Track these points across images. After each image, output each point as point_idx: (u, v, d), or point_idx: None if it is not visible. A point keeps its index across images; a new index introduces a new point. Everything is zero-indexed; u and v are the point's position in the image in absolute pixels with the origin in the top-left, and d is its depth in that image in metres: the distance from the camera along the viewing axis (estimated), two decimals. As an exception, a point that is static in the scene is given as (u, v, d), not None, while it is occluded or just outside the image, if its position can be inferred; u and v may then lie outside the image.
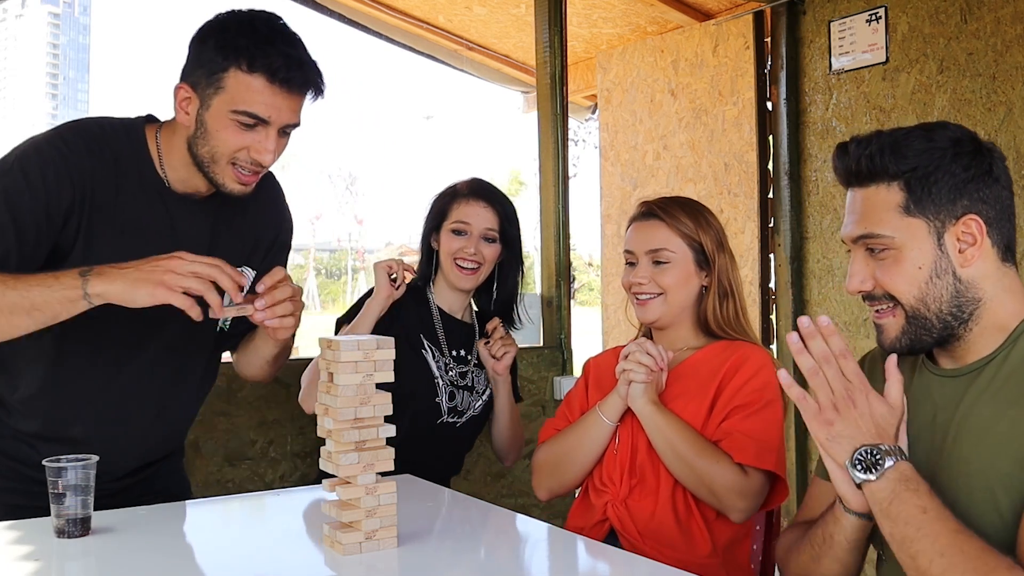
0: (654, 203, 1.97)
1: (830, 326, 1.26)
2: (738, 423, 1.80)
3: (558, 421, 2.03)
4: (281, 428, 2.70)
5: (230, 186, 1.68)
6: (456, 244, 2.28)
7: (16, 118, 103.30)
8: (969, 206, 1.31)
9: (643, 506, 1.85)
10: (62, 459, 1.48)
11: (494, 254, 2.32)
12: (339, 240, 53.04)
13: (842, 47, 3.74)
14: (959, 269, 1.32)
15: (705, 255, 1.92)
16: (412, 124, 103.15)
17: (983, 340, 1.33)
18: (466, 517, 1.78)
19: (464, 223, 2.29)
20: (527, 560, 1.59)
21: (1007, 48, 3.27)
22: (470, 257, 2.27)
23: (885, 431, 1.26)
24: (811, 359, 1.26)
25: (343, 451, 1.42)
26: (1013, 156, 3.26)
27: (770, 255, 3.99)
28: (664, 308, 1.92)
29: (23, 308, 1.51)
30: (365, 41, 47.87)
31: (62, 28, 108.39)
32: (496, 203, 2.32)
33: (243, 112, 1.61)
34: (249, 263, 1.85)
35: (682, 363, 1.93)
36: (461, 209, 2.31)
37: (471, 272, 2.29)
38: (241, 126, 1.62)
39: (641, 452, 1.86)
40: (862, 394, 1.26)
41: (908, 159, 1.32)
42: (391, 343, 1.46)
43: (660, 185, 4.38)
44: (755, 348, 1.91)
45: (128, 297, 1.51)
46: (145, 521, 1.65)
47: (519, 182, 47.87)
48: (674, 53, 4.38)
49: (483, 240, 2.29)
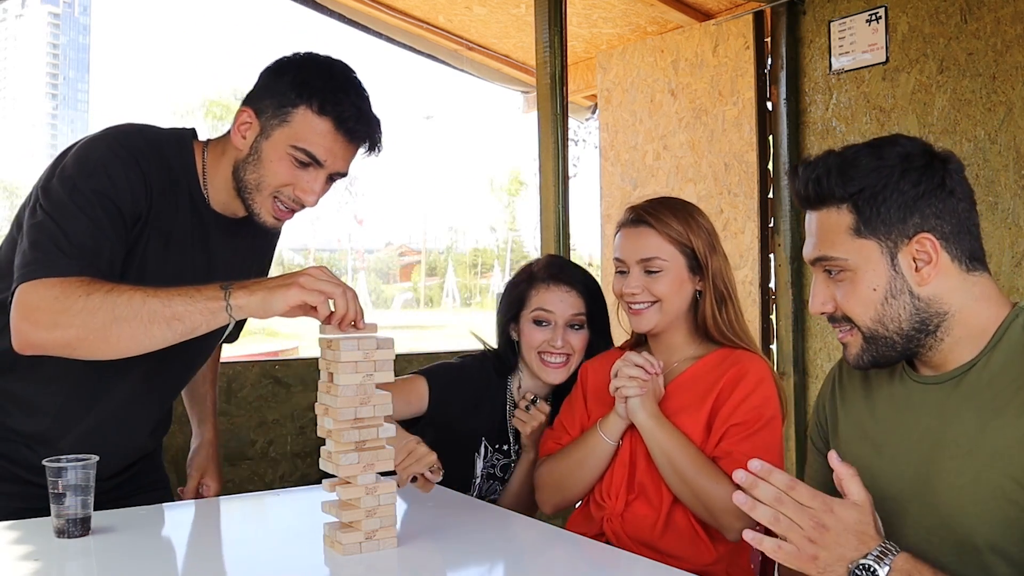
0: (642, 208, 1.90)
1: (764, 467, 1.21)
2: (737, 443, 1.76)
3: (558, 434, 1.99)
4: (281, 428, 2.70)
5: (264, 218, 1.70)
6: (540, 336, 2.06)
7: (16, 118, 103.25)
8: (921, 223, 1.29)
9: (642, 518, 1.82)
10: (62, 459, 1.48)
11: (583, 342, 2.09)
12: (339, 240, 53.12)
13: (842, 47, 3.74)
14: (916, 288, 1.30)
15: (697, 260, 1.87)
16: (412, 124, 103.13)
17: (960, 348, 1.32)
18: (466, 517, 1.78)
19: (546, 311, 2.06)
20: (527, 560, 1.59)
21: (1007, 48, 3.27)
22: (558, 351, 2.06)
23: (865, 533, 1.21)
24: (767, 508, 1.21)
25: (343, 451, 1.42)
26: (1013, 156, 3.26)
27: (770, 255, 3.99)
28: (659, 316, 1.87)
29: (164, 317, 1.49)
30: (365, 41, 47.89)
31: (62, 28, 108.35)
32: (578, 284, 2.10)
33: (302, 150, 1.64)
34: (262, 275, 1.92)
35: (680, 375, 1.89)
36: (541, 296, 2.08)
37: (560, 365, 2.07)
38: (295, 163, 1.65)
39: (640, 466, 1.84)
40: (828, 514, 1.20)
41: (855, 180, 1.30)
42: (391, 343, 1.46)
43: (660, 185, 4.38)
44: (754, 359, 1.85)
45: (266, 307, 1.50)
46: (145, 521, 1.65)
47: (519, 182, 47.97)
48: (674, 53, 4.38)
49: (569, 328, 2.07)
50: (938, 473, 1.29)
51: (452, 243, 57.85)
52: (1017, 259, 3.27)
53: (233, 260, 1.82)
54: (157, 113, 30.81)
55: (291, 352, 13.71)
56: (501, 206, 50.16)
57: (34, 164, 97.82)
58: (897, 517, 1.32)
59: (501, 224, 51.28)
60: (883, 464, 1.37)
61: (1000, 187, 3.30)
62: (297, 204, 1.69)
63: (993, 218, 3.31)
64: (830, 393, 1.53)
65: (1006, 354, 1.29)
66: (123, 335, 1.49)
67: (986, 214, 3.32)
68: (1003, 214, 3.30)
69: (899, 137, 1.34)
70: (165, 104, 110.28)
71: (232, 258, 1.81)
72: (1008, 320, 1.31)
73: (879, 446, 1.39)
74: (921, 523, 1.30)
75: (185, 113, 41.40)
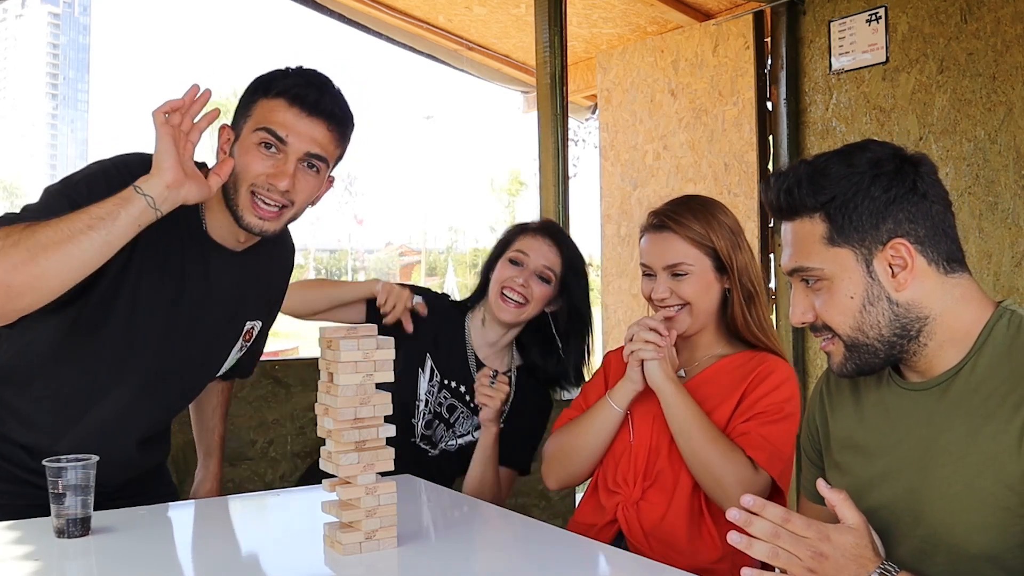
0: (663, 213, 1.92)
1: (757, 501, 1.20)
2: (757, 427, 1.79)
3: (572, 411, 2.01)
4: (281, 428, 2.70)
5: (248, 219, 1.67)
6: (508, 272, 2.14)
7: (16, 118, 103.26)
8: (894, 228, 1.28)
9: (655, 509, 1.83)
10: (62, 459, 1.48)
11: (544, 295, 2.14)
12: (339, 240, 53.12)
13: (842, 47, 3.74)
14: (894, 294, 1.29)
15: (721, 260, 1.88)
16: (412, 124, 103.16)
17: (944, 352, 1.31)
18: (466, 517, 1.78)
19: (523, 253, 2.15)
20: (527, 560, 1.59)
21: (1007, 48, 3.27)
22: (518, 288, 2.12)
23: (863, 556, 1.20)
24: (763, 543, 1.20)
25: (343, 451, 1.42)
26: (1013, 156, 3.26)
27: (770, 255, 3.99)
28: (691, 319, 1.88)
29: (84, 225, 1.47)
30: (365, 41, 47.72)
31: (62, 28, 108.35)
32: (564, 246, 2.18)
33: (262, 129, 1.65)
34: (271, 313, 1.96)
35: (706, 369, 1.91)
36: (524, 241, 2.17)
37: (515, 305, 2.12)
38: (263, 148, 1.65)
39: (663, 454, 1.84)
40: (825, 542, 1.20)
41: (826, 189, 1.29)
42: (391, 343, 1.46)
43: (660, 185, 4.39)
44: (780, 362, 1.87)
45: (166, 179, 1.54)
46: (145, 521, 1.65)
47: (519, 182, 47.96)
48: (674, 53, 4.38)
49: (537, 277, 2.13)
50: (930, 482, 1.28)
51: (452, 243, 57.87)
52: (1017, 259, 3.27)
53: (235, 291, 1.80)
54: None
55: (291, 352, 13.71)
56: (501, 206, 50.16)
57: (34, 164, 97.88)
58: (891, 527, 1.31)
59: (501, 224, 51.14)
60: (875, 473, 1.36)
61: (1000, 187, 3.30)
62: (275, 193, 1.65)
63: (993, 218, 3.31)
64: (819, 403, 1.52)
65: (992, 357, 1.27)
66: (51, 259, 1.47)
67: (986, 214, 3.32)
68: (1003, 214, 3.30)
69: (870, 143, 1.33)
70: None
71: (234, 289, 1.80)
72: (992, 321, 1.29)
73: (870, 455, 1.38)
74: (915, 532, 1.30)
75: (185, 113, 41.22)
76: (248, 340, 1.92)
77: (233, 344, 1.88)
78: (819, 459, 1.52)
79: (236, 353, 1.90)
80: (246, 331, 1.89)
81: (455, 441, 2.22)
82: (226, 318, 1.83)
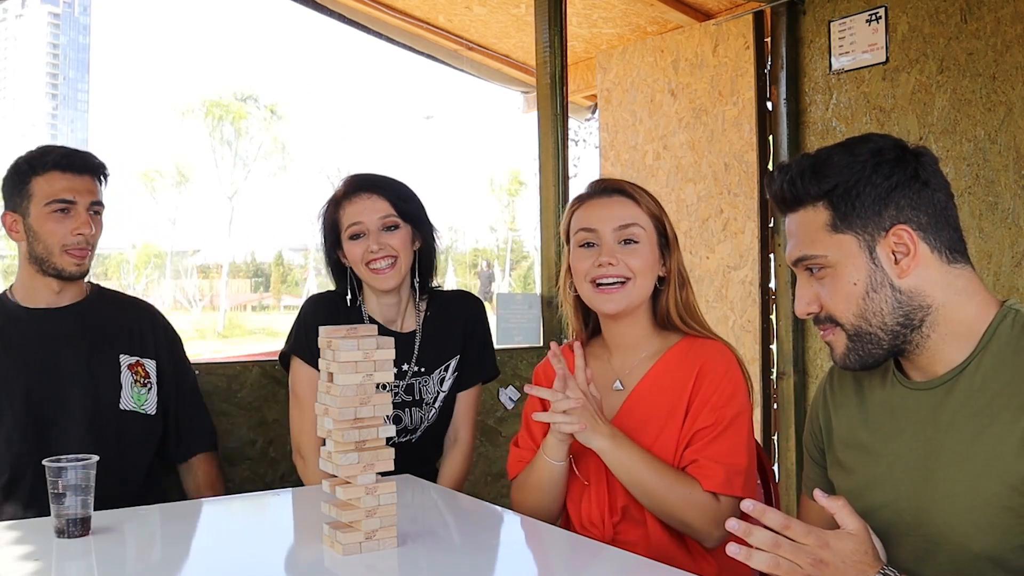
0: (611, 180, 1.82)
1: (757, 507, 1.21)
2: (703, 448, 1.69)
3: (523, 452, 1.87)
4: (281, 428, 2.70)
5: (69, 269, 2.06)
6: (359, 248, 2.11)
7: (16, 118, 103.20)
8: (897, 215, 1.29)
9: (634, 545, 1.72)
10: (62, 459, 1.49)
11: (403, 239, 2.13)
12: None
13: (842, 47, 3.74)
14: (897, 280, 1.30)
15: (667, 239, 1.79)
16: (412, 124, 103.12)
17: (948, 348, 1.31)
18: (466, 517, 1.78)
19: (357, 223, 2.11)
20: (527, 560, 1.59)
21: (1007, 48, 3.27)
22: (379, 255, 2.09)
23: (864, 563, 1.20)
24: (763, 554, 1.19)
25: (343, 451, 1.42)
26: (1013, 156, 3.26)
27: (770, 255, 3.99)
28: (629, 299, 1.75)
29: None
30: (365, 41, 47.65)
31: (62, 28, 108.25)
32: (378, 188, 2.14)
33: (54, 201, 2.04)
34: (144, 353, 2.17)
35: (645, 377, 1.79)
36: (348, 212, 2.13)
37: (389, 268, 2.10)
38: (59, 214, 2.04)
39: (621, 489, 1.73)
40: (825, 549, 1.19)
41: (828, 178, 1.31)
42: (391, 343, 1.46)
43: (660, 185, 4.38)
44: (716, 346, 1.77)
45: None
46: (145, 521, 1.65)
47: (519, 182, 47.95)
48: (674, 53, 4.38)
49: (384, 231, 2.11)
50: (933, 482, 1.28)
51: (452, 243, 57.80)
52: (1017, 259, 3.27)
53: (93, 342, 2.10)
54: (157, 113, 30.63)
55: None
56: (501, 206, 50.14)
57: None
58: (893, 526, 1.31)
59: (501, 224, 51.26)
60: (878, 472, 1.36)
61: (1000, 187, 3.30)
62: (83, 242, 2.05)
63: (993, 218, 3.31)
64: (822, 402, 1.52)
65: (997, 357, 1.27)
66: None
67: (986, 214, 3.32)
68: (1003, 214, 3.30)
69: (871, 135, 1.35)
70: (165, 104, 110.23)
71: (90, 342, 2.09)
72: (997, 320, 1.29)
73: (874, 455, 1.38)
74: (917, 531, 1.30)
75: (185, 113, 41.40)
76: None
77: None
78: (822, 458, 1.52)
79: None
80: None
81: (432, 411, 2.20)
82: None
